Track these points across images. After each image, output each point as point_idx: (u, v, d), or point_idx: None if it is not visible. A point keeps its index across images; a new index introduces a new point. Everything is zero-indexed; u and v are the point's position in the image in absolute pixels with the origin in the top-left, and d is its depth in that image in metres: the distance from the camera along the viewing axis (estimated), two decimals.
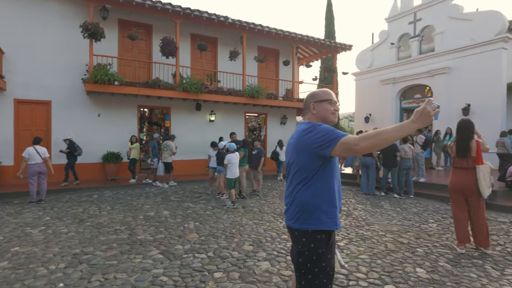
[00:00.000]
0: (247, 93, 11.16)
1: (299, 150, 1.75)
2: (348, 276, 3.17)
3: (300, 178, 1.75)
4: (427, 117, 1.46)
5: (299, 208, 1.74)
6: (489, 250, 3.87)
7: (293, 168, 1.79)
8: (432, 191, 7.89)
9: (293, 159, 1.79)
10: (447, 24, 12.26)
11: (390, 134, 1.49)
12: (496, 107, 10.81)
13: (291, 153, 1.82)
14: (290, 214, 1.80)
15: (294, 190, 1.77)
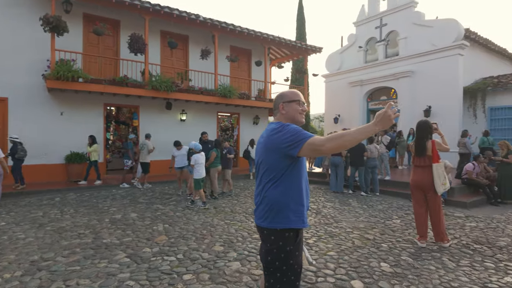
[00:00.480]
0: (219, 93, 11.08)
1: (268, 150, 1.77)
2: (317, 273, 3.24)
3: (269, 177, 1.76)
4: (387, 120, 1.54)
5: (268, 207, 1.75)
6: (445, 244, 4.11)
7: (262, 168, 1.81)
8: (397, 189, 8.27)
9: (262, 159, 1.81)
10: (410, 30, 12.92)
11: (353, 136, 1.55)
12: (453, 109, 11.55)
13: (261, 153, 1.84)
14: (259, 213, 1.81)
15: (263, 189, 1.79)
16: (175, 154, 7.74)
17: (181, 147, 7.70)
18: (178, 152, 7.67)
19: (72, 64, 8.53)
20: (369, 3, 14.55)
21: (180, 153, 7.62)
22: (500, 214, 6.04)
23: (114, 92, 9.44)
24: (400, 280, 3.10)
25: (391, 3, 13.54)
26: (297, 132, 1.67)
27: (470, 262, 3.58)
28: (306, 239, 4.37)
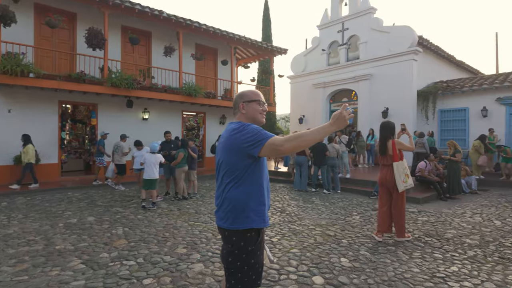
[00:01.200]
0: (184, 91, 10.85)
1: (229, 149, 1.75)
2: (280, 271, 3.29)
3: (230, 178, 1.75)
4: (342, 121, 1.61)
5: (230, 207, 1.74)
6: (400, 238, 4.35)
7: (223, 168, 1.79)
8: (357, 186, 8.65)
9: (223, 159, 1.79)
10: (369, 35, 13.57)
11: (310, 137, 1.60)
12: (408, 110, 12.32)
13: (221, 153, 1.81)
14: (220, 214, 1.79)
15: (224, 190, 1.77)
16: (136, 155, 7.34)
17: (142, 147, 7.34)
18: (139, 152, 7.28)
19: (21, 58, 7.89)
20: (332, 8, 15.06)
21: (140, 153, 7.26)
22: (448, 208, 6.54)
23: (70, 89, 8.88)
24: (358, 274, 3.24)
25: (352, 8, 14.12)
26: (258, 132, 1.68)
27: (421, 254, 3.84)
28: (270, 238, 4.42)
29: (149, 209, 6.18)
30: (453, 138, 11.87)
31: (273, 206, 6.66)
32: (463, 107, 12.32)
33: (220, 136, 1.93)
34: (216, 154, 1.92)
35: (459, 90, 12.22)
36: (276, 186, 9.54)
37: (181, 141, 7.67)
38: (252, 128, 1.71)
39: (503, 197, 7.68)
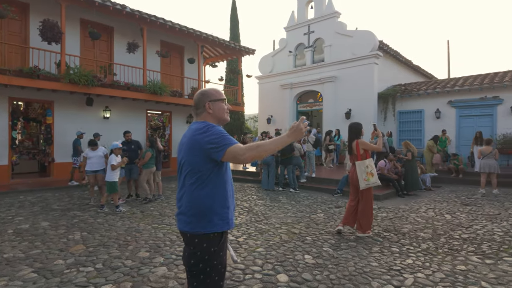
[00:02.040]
0: (148, 89, 10.50)
1: (192, 150, 1.71)
2: (245, 270, 3.29)
3: (192, 179, 1.70)
4: (299, 133, 1.70)
5: (192, 210, 1.70)
6: (365, 234, 4.53)
7: (185, 169, 1.73)
8: (322, 185, 8.90)
9: (186, 159, 1.73)
10: (334, 38, 14.02)
11: (269, 147, 1.65)
12: (369, 112, 12.91)
13: (184, 153, 1.76)
14: (182, 217, 1.73)
15: (186, 192, 1.72)
16: (90, 155, 6.61)
17: (97, 147, 6.69)
18: (93, 153, 6.60)
19: None
20: (298, 10, 15.37)
21: (95, 154, 6.60)
22: (405, 204, 6.94)
23: (22, 85, 8.25)
24: (321, 270, 3.33)
25: (318, 12, 14.51)
26: (222, 136, 1.66)
27: (380, 248, 4.03)
28: (236, 238, 4.41)
29: (116, 212, 5.94)
30: (410, 138, 12.63)
31: (240, 206, 6.67)
32: (419, 109, 13.14)
33: (183, 135, 1.87)
34: (178, 153, 1.85)
35: (416, 93, 13.02)
36: (244, 186, 9.55)
37: (149, 141, 7.35)
38: (217, 130, 1.69)
39: (453, 193, 8.30)
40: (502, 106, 11.33)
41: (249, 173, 11.18)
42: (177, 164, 1.83)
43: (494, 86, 11.31)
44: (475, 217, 5.69)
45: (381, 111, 13.71)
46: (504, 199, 7.37)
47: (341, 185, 7.99)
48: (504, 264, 3.53)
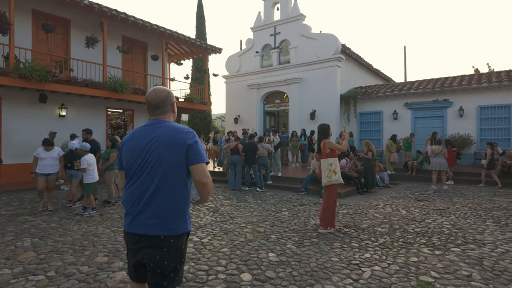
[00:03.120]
0: (108, 86, 10.01)
1: (179, 150, 1.65)
2: (208, 271, 3.26)
3: (173, 180, 1.66)
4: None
5: (171, 212, 1.66)
6: (322, 230, 4.70)
7: (164, 168, 1.64)
8: (287, 184, 9.06)
9: (167, 159, 1.65)
10: (299, 40, 14.33)
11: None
12: (332, 113, 13.37)
13: (163, 151, 1.65)
14: (154, 220, 1.64)
15: (156, 192, 1.65)
16: (42, 156, 5.91)
17: (52, 147, 6.05)
18: (47, 154, 5.94)
19: None
20: (265, 11, 15.51)
21: (49, 155, 5.96)
22: (365, 201, 7.27)
23: None
24: (284, 267, 3.39)
25: (284, 14, 14.75)
26: (203, 151, 1.73)
27: (340, 244, 4.19)
28: (201, 239, 4.35)
29: (90, 215, 5.69)
30: (370, 138, 13.27)
31: (206, 206, 6.58)
32: (378, 110, 13.84)
33: (157, 133, 1.72)
34: (145, 152, 1.70)
35: (375, 95, 13.70)
36: None
37: (110, 140, 6.95)
38: (200, 144, 1.74)
39: (409, 190, 8.84)
40: (452, 109, 12.28)
41: (216, 173, 11.08)
42: (142, 161, 1.69)
43: (445, 90, 12.22)
44: (427, 212, 6.10)
45: (344, 112, 14.25)
46: (452, 194, 7.98)
47: (306, 183, 8.18)
48: (451, 255, 3.82)
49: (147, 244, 1.65)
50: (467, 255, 3.81)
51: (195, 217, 5.63)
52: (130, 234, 1.70)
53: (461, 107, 11.95)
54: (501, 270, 3.36)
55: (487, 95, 11.60)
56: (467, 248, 4.03)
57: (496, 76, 12.09)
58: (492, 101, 11.54)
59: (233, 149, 8.86)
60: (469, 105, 11.89)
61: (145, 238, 1.64)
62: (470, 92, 11.86)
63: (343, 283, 3.03)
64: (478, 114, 11.80)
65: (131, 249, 1.74)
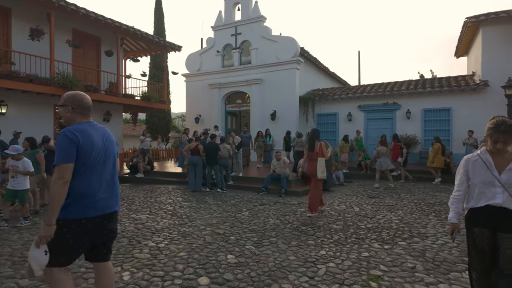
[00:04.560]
0: (57, 82, 9.29)
1: (115, 146, 2.26)
2: (164, 277, 3.16)
3: (115, 168, 2.22)
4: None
5: (118, 193, 2.22)
6: (309, 213, 5.67)
7: (111, 161, 2.17)
8: (248, 184, 9.10)
9: (113, 153, 2.20)
10: (260, 41, 14.47)
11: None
12: (292, 114, 13.70)
13: (114, 149, 2.22)
14: (114, 198, 2.17)
15: (114, 179, 2.19)
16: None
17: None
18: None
19: None
20: (225, 11, 15.42)
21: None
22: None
23: None
24: (243, 268, 3.40)
25: (245, 14, 14.79)
26: None
27: (297, 242, 4.30)
28: (157, 244, 4.20)
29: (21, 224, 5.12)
30: (326, 138, 13.78)
31: (164, 209, 6.38)
32: (334, 112, 14.45)
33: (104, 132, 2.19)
34: (101, 148, 2.09)
35: (331, 98, 14.28)
36: (169, 188, 9.18)
37: (28, 140, 5.96)
38: None
39: (362, 187, 9.33)
40: (400, 111, 13.20)
41: (174, 174, 10.80)
42: (103, 157, 2.10)
43: (394, 93, 13.10)
44: (378, 208, 6.49)
45: (303, 113, 14.67)
46: (400, 191, 8.58)
47: (266, 183, 8.29)
48: (398, 248, 4.10)
49: (114, 219, 2.18)
50: (412, 248, 4.11)
51: (151, 221, 5.43)
52: (93, 218, 2.01)
53: (408, 109, 12.89)
54: (441, 260, 3.68)
55: (430, 99, 12.65)
56: (412, 242, 4.35)
57: (438, 82, 13.24)
58: (434, 105, 12.61)
59: (193, 149, 8.70)
60: (415, 108, 12.88)
61: (112, 215, 2.15)
62: (416, 96, 12.85)
63: (299, 281, 3.11)
64: (423, 116, 12.82)
65: (90, 232, 2.02)
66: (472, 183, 2.27)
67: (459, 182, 2.34)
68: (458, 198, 2.34)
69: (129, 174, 10.93)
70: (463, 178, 2.32)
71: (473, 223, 2.27)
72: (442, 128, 12.53)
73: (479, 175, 2.21)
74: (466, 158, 2.33)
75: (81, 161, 1.95)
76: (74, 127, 2.02)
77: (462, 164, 2.33)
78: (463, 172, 2.32)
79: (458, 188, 2.35)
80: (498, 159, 2.19)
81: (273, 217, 5.72)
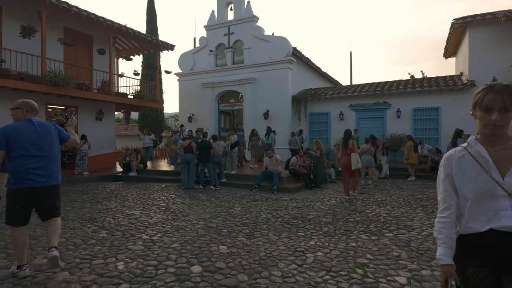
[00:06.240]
0: (48, 80, 9.27)
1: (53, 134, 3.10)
2: (157, 266, 3.25)
3: (53, 152, 3.05)
4: None
5: (57, 168, 3.09)
6: (354, 193, 7.46)
7: (49, 146, 3.02)
8: (242, 181, 9.20)
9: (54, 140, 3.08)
10: (252, 41, 14.59)
11: None
12: (284, 113, 13.84)
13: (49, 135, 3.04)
14: (52, 173, 3.01)
15: (51, 157, 3.02)
16: None
17: None
18: None
19: None
20: (218, 11, 15.50)
21: None
22: (313, 195, 7.69)
23: None
24: (234, 258, 3.50)
25: (237, 14, 14.89)
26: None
27: (288, 234, 4.42)
28: (150, 236, 4.28)
29: None
30: (319, 136, 13.95)
31: (157, 205, 6.45)
32: (326, 111, 14.64)
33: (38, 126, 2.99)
34: (43, 137, 2.98)
35: (323, 97, 14.47)
36: (162, 185, 9.22)
37: None
38: None
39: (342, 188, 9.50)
40: (390, 110, 13.45)
41: (168, 172, 10.84)
42: (41, 144, 2.97)
43: (384, 93, 13.35)
44: (367, 203, 6.65)
45: (295, 113, 14.82)
46: (390, 188, 8.78)
47: (259, 180, 8.40)
48: (385, 239, 4.25)
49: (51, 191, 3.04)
50: (398, 238, 4.27)
51: (144, 216, 5.50)
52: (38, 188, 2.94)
53: (399, 109, 13.15)
54: (424, 249, 3.84)
55: (420, 98, 12.92)
56: (398, 233, 4.51)
57: (427, 82, 13.52)
58: (424, 104, 12.89)
59: (187, 147, 8.77)
60: (405, 107, 13.13)
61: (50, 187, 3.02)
62: (406, 96, 13.11)
63: (289, 268, 3.23)
64: (413, 115, 13.09)
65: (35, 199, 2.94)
66: (461, 194, 1.41)
67: (443, 195, 1.45)
68: (447, 221, 1.41)
69: (122, 172, 10.93)
70: (447, 187, 1.44)
71: (465, 260, 1.39)
72: (431, 127, 12.82)
73: (469, 181, 1.37)
74: (448, 155, 1.46)
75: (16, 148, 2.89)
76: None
77: (442, 166, 1.46)
78: (444, 178, 1.45)
79: (443, 205, 1.44)
80: (498, 152, 1.36)
81: (265, 211, 5.84)
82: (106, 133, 12.82)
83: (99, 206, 6.32)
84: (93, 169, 11.27)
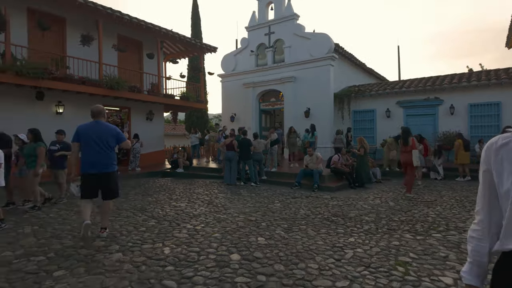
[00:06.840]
0: (105, 84, 10.16)
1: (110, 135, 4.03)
2: (200, 252, 3.45)
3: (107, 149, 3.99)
4: None
5: (111, 161, 4.01)
6: (411, 194, 7.20)
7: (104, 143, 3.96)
8: (283, 179, 9.22)
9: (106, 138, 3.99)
10: (293, 39, 14.54)
11: None
12: (326, 111, 13.58)
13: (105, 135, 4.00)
14: (105, 165, 3.94)
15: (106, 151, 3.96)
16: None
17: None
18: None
19: None
20: (259, 11, 15.68)
21: None
22: (355, 194, 7.48)
23: None
24: (272, 249, 3.59)
25: (278, 13, 14.94)
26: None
27: (327, 230, 4.39)
28: (194, 226, 4.53)
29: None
30: (363, 135, 13.46)
31: (201, 199, 6.77)
32: (372, 108, 14.08)
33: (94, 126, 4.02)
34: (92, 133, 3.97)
35: (368, 94, 13.94)
36: (207, 181, 9.61)
37: (32, 132, 5.82)
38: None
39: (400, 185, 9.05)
40: (443, 107, 12.54)
41: (213, 169, 11.27)
42: (99, 140, 3.95)
43: (436, 88, 12.48)
44: (415, 203, 6.32)
45: (338, 110, 14.47)
46: (441, 188, 8.22)
47: (299, 178, 8.39)
48: (431, 239, 4.03)
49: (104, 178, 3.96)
50: (447, 240, 4.02)
51: (189, 208, 5.82)
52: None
53: (452, 105, 12.20)
54: None
55: (477, 93, 11.87)
56: (448, 234, 4.25)
57: (485, 75, 12.37)
58: (482, 99, 11.81)
59: (228, 145, 9.05)
60: (460, 103, 12.15)
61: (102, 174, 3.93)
62: (461, 90, 12.13)
63: (326, 262, 3.23)
64: (469, 111, 12.06)
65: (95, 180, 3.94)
66: (500, 194, 1.04)
67: (479, 197, 1.15)
68: (477, 229, 1.13)
69: (170, 169, 11.60)
70: (484, 188, 1.12)
71: (507, 281, 1.00)
72: (490, 123, 11.71)
73: (511, 175, 1.00)
74: (488, 144, 1.11)
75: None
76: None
77: (481, 159, 1.13)
78: (483, 174, 1.13)
79: (476, 208, 1.17)
80: None
81: (304, 208, 5.84)
82: (156, 133, 13.68)
83: (149, 198, 6.81)
84: (145, 166, 12.10)
